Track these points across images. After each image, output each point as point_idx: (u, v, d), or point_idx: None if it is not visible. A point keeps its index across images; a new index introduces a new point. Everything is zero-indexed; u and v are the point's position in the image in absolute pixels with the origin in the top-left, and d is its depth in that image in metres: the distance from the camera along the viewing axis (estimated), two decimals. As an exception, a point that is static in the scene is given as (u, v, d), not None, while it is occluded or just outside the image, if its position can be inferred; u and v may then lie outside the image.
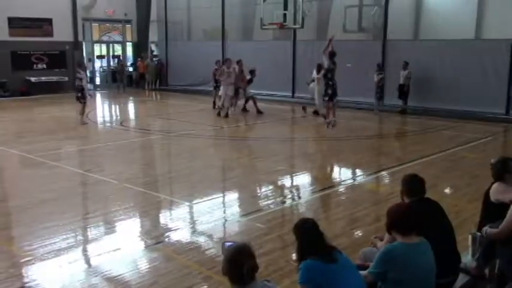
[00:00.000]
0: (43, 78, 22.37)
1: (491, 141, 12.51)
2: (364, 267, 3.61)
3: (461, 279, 4.26)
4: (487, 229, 4.30)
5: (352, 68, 17.38)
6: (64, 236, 6.02)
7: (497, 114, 14.97)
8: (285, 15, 18.56)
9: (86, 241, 6.16)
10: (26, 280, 4.94)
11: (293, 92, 20.23)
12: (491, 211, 4.55)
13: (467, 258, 4.55)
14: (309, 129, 14.47)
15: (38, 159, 10.04)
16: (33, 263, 5.32)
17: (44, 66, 22.83)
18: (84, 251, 5.86)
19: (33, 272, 5.13)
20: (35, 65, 22.52)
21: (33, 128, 13.71)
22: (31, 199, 7.52)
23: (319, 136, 12.98)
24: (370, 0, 19.54)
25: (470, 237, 4.65)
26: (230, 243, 3.06)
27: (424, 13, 18.55)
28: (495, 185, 4.58)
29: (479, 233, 4.54)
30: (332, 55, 12.80)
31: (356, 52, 17.87)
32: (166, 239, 6.07)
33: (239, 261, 2.83)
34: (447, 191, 8.22)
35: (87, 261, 5.61)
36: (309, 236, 3.32)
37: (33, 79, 22.02)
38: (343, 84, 17.63)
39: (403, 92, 16.31)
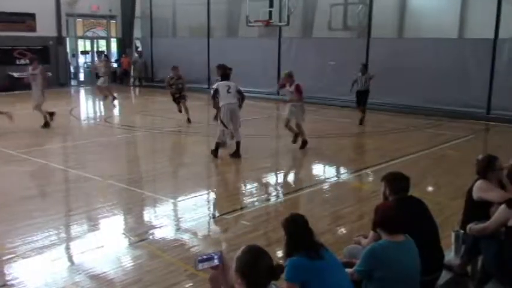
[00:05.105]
0: (26, 74, 22.05)
1: (473, 139, 12.66)
2: (350, 265, 3.63)
3: (444, 276, 4.31)
4: (471, 225, 4.36)
5: (336, 66, 17.49)
6: (47, 234, 5.96)
7: (478, 113, 15.15)
8: (270, 12, 18.62)
9: (69, 238, 6.10)
10: (7, 278, 4.87)
11: (278, 89, 20.22)
12: (474, 209, 4.60)
13: (450, 256, 4.60)
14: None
15: (20, 156, 9.91)
16: (15, 261, 5.25)
17: (27, 61, 22.50)
18: (67, 248, 5.80)
19: (15, 270, 5.06)
20: (17, 60, 22.22)
21: (15, 123, 13.51)
22: (13, 196, 7.42)
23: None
24: (356, -2, 19.68)
25: (453, 234, 4.71)
26: (201, 257, 2.93)
27: (408, 12, 18.72)
28: (478, 183, 4.63)
29: (462, 231, 4.60)
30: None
31: (341, 50, 17.97)
32: (151, 237, 6.04)
33: (264, 262, 2.69)
34: (430, 188, 8.30)
35: (70, 259, 5.55)
36: (298, 231, 3.31)
37: (15, 74, 21.70)
38: (328, 81, 17.85)
39: (363, 98, 14.23)
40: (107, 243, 5.79)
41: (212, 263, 2.88)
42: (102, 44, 26.59)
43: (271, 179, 9.12)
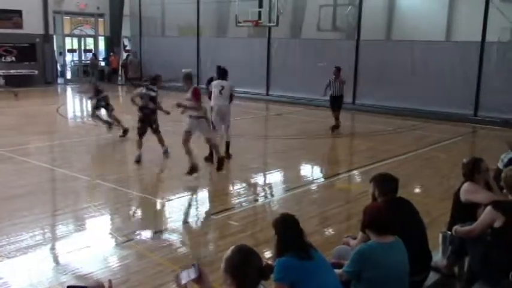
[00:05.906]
0: (12, 71, 21.87)
1: (461, 141, 12.76)
2: (339, 265, 3.63)
3: (432, 277, 4.33)
4: (457, 227, 4.38)
5: (326, 67, 17.50)
6: (32, 233, 5.90)
7: (466, 115, 15.28)
8: (260, 12, 18.63)
9: (55, 238, 6.04)
10: (-8, 278, 4.82)
11: (267, 90, 20.26)
12: (461, 211, 4.63)
13: (437, 257, 4.63)
14: (281, 127, 14.52)
15: (5, 154, 9.80)
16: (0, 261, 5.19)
17: (13, 59, 22.32)
18: (53, 248, 5.74)
19: None
20: (3, 58, 22.01)
21: (0, 122, 13.36)
22: (-2, 195, 7.33)
23: (291, 134, 13.02)
24: (345, 0, 19.71)
25: (440, 236, 4.73)
26: (181, 272, 2.86)
27: (397, 14, 18.84)
28: (465, 185, 4.66)
29: (449, 232, 4.62)
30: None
31: (330, 51, 18.02)
32: (138, 237, 5.99)
33: (254, 262, 2.67)
34: (417, 190, 8.34)
35: (56, 259, 5.50)
36: (288, 232, 3.30)
37: (1, 72, 21.50)
38: (317, 82, 17.86)
39: (337, 104, 13.27)
40: (93, 243, 5.74)
41: (192, 274, 2.78)
42: (89, 42, 26.42)
43: (259, 179, 9.11)
